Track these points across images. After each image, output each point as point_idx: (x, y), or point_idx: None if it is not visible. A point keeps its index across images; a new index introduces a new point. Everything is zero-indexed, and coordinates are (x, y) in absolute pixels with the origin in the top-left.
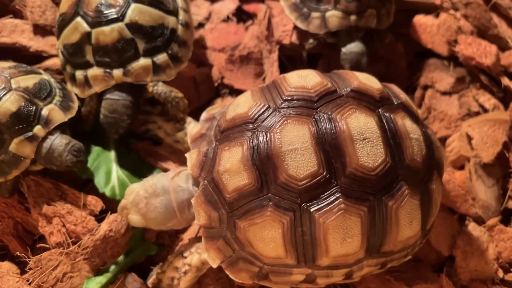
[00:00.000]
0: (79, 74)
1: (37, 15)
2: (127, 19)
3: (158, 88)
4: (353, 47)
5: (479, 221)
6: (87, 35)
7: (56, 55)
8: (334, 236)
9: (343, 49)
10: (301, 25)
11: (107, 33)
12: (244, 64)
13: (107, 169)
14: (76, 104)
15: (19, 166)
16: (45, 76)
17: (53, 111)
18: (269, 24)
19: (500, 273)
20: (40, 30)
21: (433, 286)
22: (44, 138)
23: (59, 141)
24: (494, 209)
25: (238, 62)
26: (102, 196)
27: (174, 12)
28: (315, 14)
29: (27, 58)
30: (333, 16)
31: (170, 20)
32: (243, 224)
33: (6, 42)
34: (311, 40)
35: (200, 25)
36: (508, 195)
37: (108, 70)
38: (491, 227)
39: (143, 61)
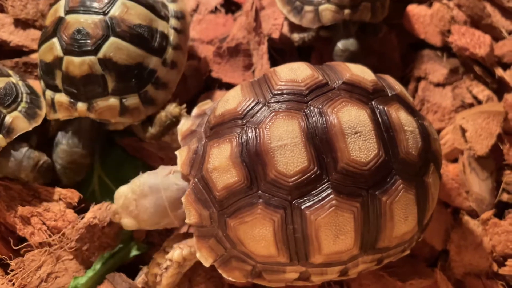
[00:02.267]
0: (48, 94)
1: (18, 9)
2: (100, 54)
3: (151, 133)
4: (349, 45)
5: (473, 214)
6: (59, 60)
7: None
8: (326, 234)
9: (340, 45)
10: (294, 19)
11: (76, 65)
12: (233, 56)
13: (88, 173)
14: (43, 111)
15: None
16: (13, 79)
17: (16, 120)
18: (257, 15)
19: (495, 267)
20: (21, 24)
21: (427, 281)
22: (9, 154)
23: (26, 163)
24: (488, 202)
25: (226, 54)
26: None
27: (159, 51)
28: (308, 8)
29: (7, 52)
30: (327, 10)
31: (152, 60)
32: (233, 223)
33: None
34: (297, 38)
35: None
36: (502, 188)
37: (73, 101)
38: (485, 220)
39: (110, 101)
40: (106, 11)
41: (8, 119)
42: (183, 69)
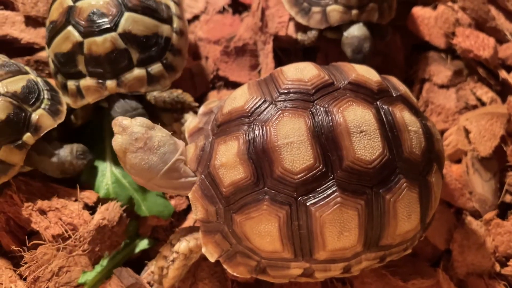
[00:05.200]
0: (71, 84)
1: (29, 6)
2: (120, 29)
3: (157, 96)
4: (354, 31)
5: (476, 215)
6: (79, 45)
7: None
8: (330, 230)
9: (345, 33)
10: (301, 20)
11: (99, 44)
12: (240, 56)
13: (101, 168)
14: (64, 107)
15: (8, 173)
16: (32, 76)
17: (42, 117)
18: (263, 15)
19: (497, 267)
20: (32, 21)
21: (429, 281)
22: (51, 152)
23: (63, 153)
24: (491, 203)
25: (233, 54)
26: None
27: (168, 20)
28: (315, 9)
29: (18, 50)
30: (334, 11)
31: (164, 29)
32: (239, 218)
33: None
34: (300, 38)
35: (196, 17)
36: (505, 189)
37: (101, 81)
38: (488, 221)
39: (137, 72)
40: None
41: (34, 117)
42: (188, 38)
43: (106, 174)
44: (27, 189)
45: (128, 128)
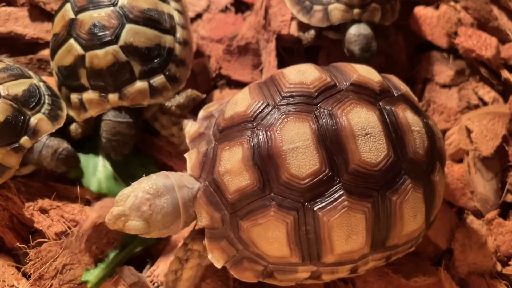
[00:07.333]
0: (74, 97)
1: None
2: (121, 41)
3: (175, 103)
4: (362, 30)
5: (478, 214)
6: (81, 58)
7: None
8: (338, 234)
9: (352, 31)
10: (303, 19)
11: (101, 57)
12: (242, 54)
13: (93, 162)
14: (64, 113)
15: (3, 175)
16: (35, 80)
17: (41, 121)
18: (266, 13)
19: (498, 267)
20: (37, 12)
21: (431, 279)
22: (31, 150)
23: (45, 151)
24: (493, 203)
25: (236, 52)
26: None
27: (171, 31)
28: (317, 7)
29: (23, 46)
30: (336, 9)
31: (167, 40)
32: (246, 225)
33: (1, 31)
34: (300, 37)
35: (199, 16)
36: (506, 189)
37: (103, 94)
38: (490, 220)
39: (139, 84)
40: (115, 2)
41: (33, 120)
42: (192, 47)
43: (98, 169)
44: (27, 190)
45: (125, 210)
